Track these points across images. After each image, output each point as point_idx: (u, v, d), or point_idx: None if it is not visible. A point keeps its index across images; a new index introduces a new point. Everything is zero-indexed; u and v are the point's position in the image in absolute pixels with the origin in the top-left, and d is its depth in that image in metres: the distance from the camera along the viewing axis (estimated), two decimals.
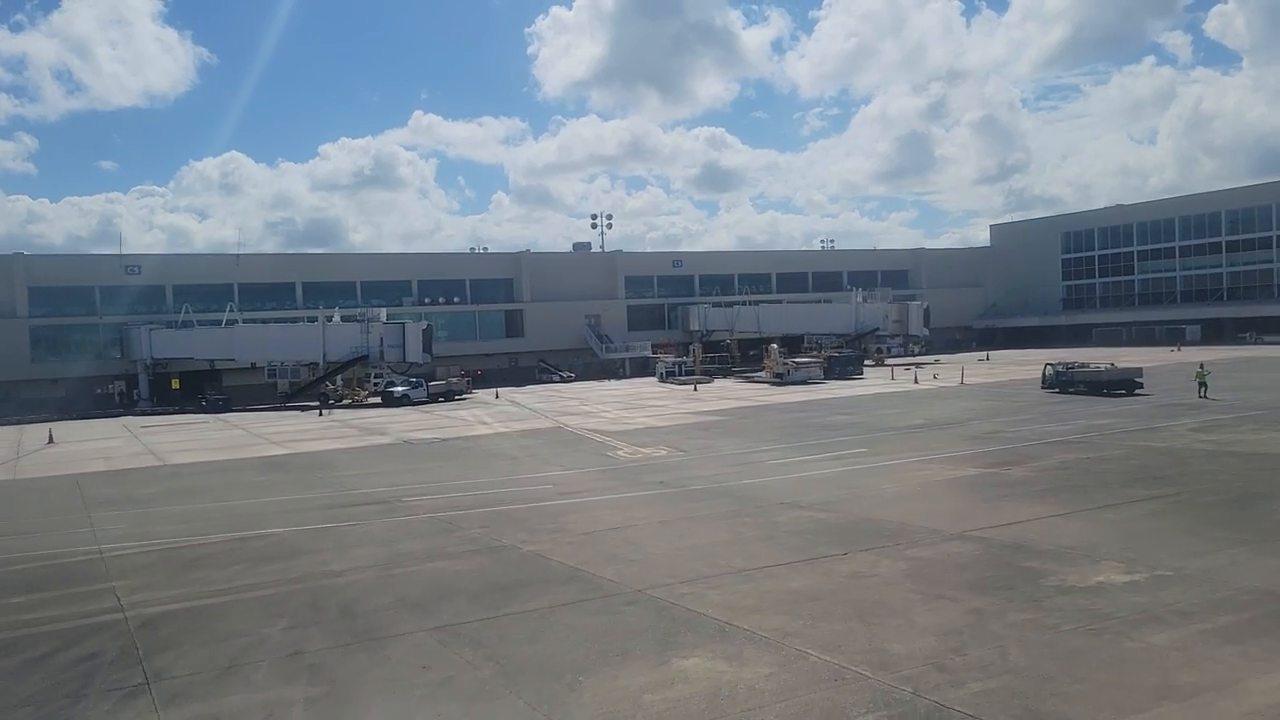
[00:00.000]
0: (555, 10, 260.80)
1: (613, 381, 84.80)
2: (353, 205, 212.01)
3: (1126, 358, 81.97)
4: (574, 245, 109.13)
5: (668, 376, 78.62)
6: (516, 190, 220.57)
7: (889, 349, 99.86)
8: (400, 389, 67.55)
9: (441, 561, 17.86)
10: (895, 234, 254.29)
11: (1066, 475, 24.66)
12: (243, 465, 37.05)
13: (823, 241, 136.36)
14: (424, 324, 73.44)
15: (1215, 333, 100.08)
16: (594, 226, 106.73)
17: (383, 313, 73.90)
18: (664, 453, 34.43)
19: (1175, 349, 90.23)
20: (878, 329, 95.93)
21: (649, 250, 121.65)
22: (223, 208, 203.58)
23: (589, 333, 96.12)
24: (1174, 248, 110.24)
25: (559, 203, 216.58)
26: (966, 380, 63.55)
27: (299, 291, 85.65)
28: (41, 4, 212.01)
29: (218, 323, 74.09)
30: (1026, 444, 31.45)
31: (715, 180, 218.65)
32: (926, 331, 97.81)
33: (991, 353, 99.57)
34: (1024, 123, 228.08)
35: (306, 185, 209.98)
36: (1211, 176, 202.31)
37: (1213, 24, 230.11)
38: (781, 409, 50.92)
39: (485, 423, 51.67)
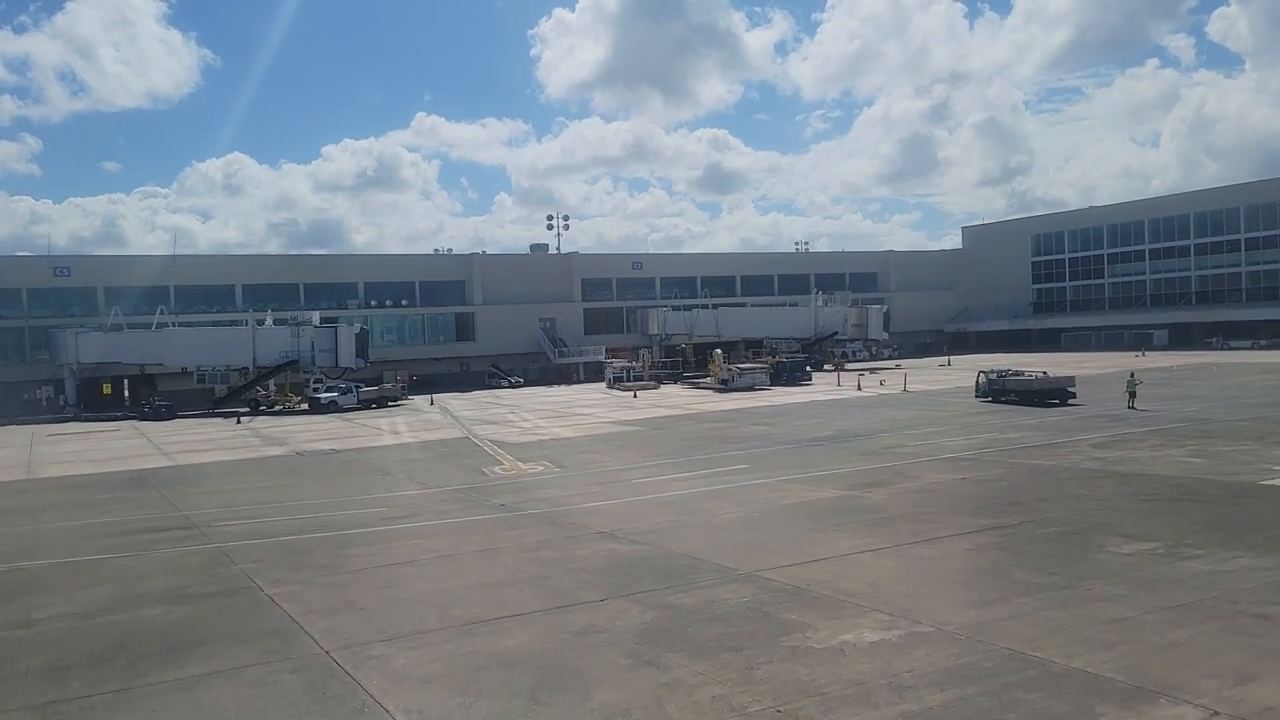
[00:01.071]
0: (558, 12, 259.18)
1: (561, 387, 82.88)
2: (355, 206, 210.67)
3: (1090, 363, 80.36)
4: (531, 246, 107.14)
5: (615, 382, 76.73)
6: (519, 192, 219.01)
7: (851, 353, 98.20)
8: (328, 395, 65.60)
9: (160, 608, 15.98)
10: (897, 236, 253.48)
11: (923, 499, 22.83)
12: (105, 480, 35.10)
13: (797, 244, 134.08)
14: (357, 327, 71.54)
15: (1184, 337, 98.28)
16: (550, 227, 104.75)
17: (315, 316, 71.92)
18: (540, 469, 32.59)
19: (1140, 354, 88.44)
20: (836, 333, 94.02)
21: (610, 251, 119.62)
22: (226, 209, 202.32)
23: (542, 336, 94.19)
24: (1143, 250, 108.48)
25: (562, 204, 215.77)
26: (910, 387, 61.77)
27: (238, 294, 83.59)
28: (45, 5, 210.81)
29: (149, 326, 71.94)
30: (914, 461, 29.66)
31: (718, 182, 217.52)
32: (886, 335, 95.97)
33: (956, 357, 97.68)
34: (1027, 125, 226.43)
35: (309, 186, 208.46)
36: (1214, 179, 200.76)
37: (1215, 26, 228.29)
38: (704, 419, 49.11)
39: (397, 432, 49.83)
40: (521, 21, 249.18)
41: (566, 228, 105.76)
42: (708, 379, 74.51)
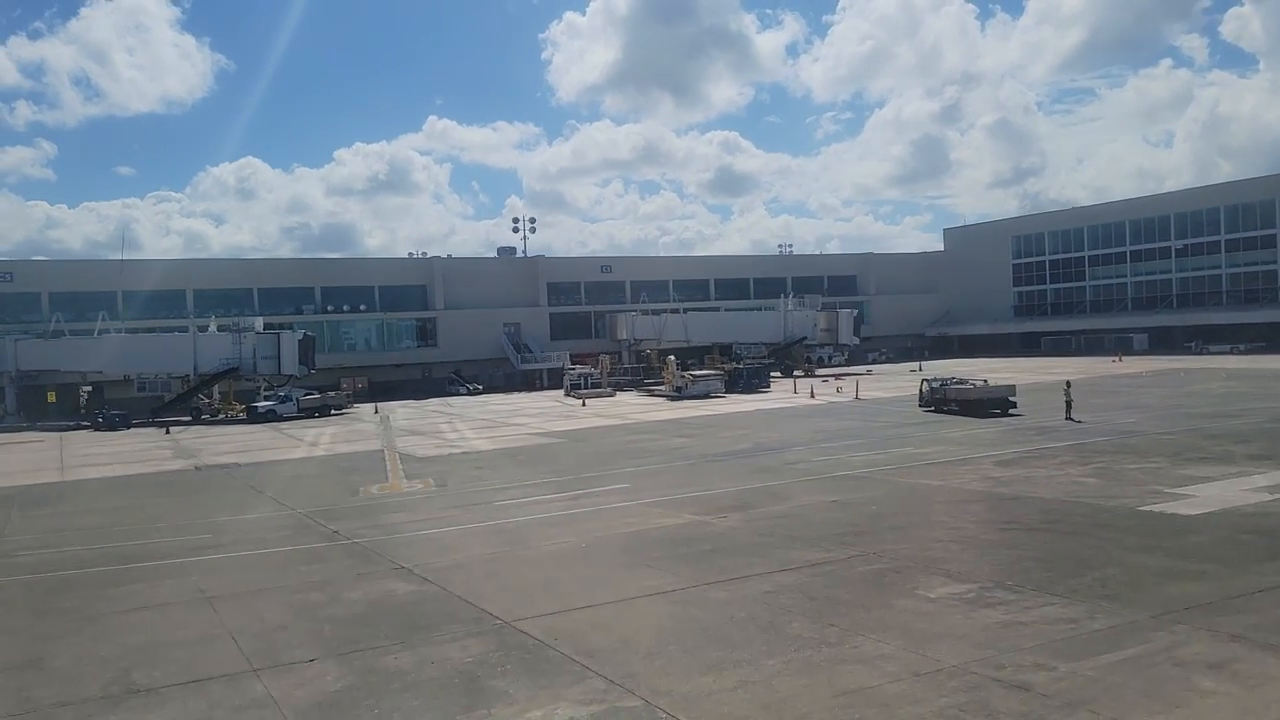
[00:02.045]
0: (569, 15, 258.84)
1: (520, 394, 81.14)
2: (368, 210, 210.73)
3: (1060, 369, 78.23)
4: (498, 250, 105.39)
5: (572, 389, 74.83)
6: (530, 195, 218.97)
7: (826, 357, 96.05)
8: (265, 404, 63.95)
9: None
10: (909, 238, 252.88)
11: (770, 527, 20.93)
12: None
13: (780, 246, 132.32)
14: (300, 334, 69.65)
15: (1165, 341, 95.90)
16: (515, 230, 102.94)
17: (258, 322, 70.24)
18: (419, 488, 30.85)
19: (1116, 359, 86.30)
20: (805, 337, 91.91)
21: (578, 255, 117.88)
22: (239, 213, 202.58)
23: (506, 342, 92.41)
24: (1124, 252, 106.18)
25: (572, 207, 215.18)
26: (864, 394, 59.76)
27: (189, 299, 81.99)
28: (60, 10, 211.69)
29: (91, 333, 70.33)
30: (800, 479, 27.84)
31: (729, 184, 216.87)
32: (856, 340, 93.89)
33: (931, 363, 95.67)
34: (1039, 126, 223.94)
35: (321, 190, 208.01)
36: (1227, 179, 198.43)
37: (1229, 26, 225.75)
38: (635, 429, 47.26)
39: (316, 444, 48.17)
40: (533, 25, 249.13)
41: (533, 230, 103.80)
42: (663, 386, 72.59)
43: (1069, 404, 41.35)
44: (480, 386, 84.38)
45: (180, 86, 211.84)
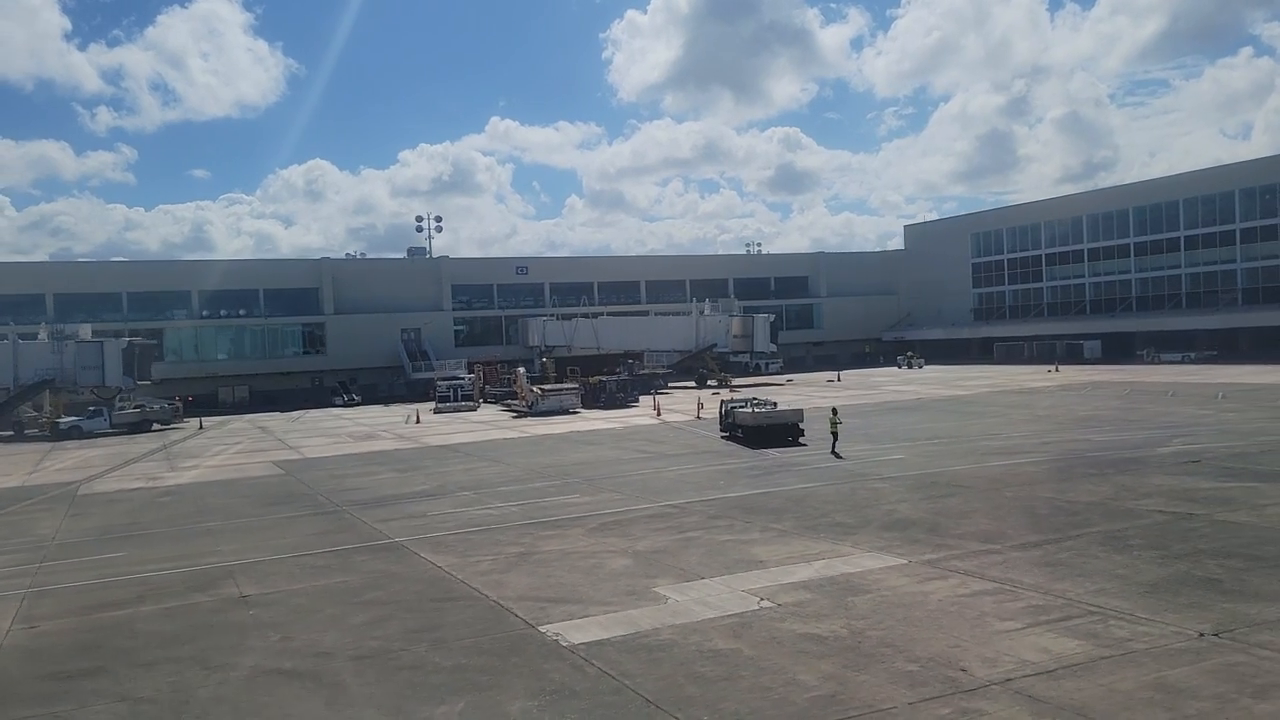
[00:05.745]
0: (630, 14, 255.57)
1: (398, 406, 75.60)
2: (431, 210, 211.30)
3: (977, 380, 71.30)
4: (409, 250, 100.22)
5: (442, 402, 69.44)
6: (590, 194, 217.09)
7: (762, 365, 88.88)
8: (69, 420, 59.35)
9: None
10: None
11: (83, 643, 15.23)
12: None
13: (749, 245, 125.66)
14: (124, 341, 64.95)
15: (1122, 347, 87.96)
16: (419, 230, 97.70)
17: (85, 329, 65.70)
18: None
19: (1053, 369, 79.03)
20: (716, 344, 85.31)
21: (490, 255, 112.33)
22: (307, 214, 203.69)
23: (401, 349, 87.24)
24: (1082, 251, 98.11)
25: (632, 206, 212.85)
26: (706, 415, 53.21)
27: (49, 304, 77.82)
28: (138, 19, 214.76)
29: None
30: (342, 548, 22.12)
31: (789, 182, 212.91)
32: (773, 347, 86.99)
33: (859, 373, 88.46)
34: (1110, 119, 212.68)
35: (387, 191, 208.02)
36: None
37: None
38: (385, 459, 41.78)
39: (43, 470, 43.58)
40: (594, 25, 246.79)
41: (439, 229, 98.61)
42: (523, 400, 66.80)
43: (835, 437, 35.12)
44: (359, 398, 79.17)
45: (253, 91, 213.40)
